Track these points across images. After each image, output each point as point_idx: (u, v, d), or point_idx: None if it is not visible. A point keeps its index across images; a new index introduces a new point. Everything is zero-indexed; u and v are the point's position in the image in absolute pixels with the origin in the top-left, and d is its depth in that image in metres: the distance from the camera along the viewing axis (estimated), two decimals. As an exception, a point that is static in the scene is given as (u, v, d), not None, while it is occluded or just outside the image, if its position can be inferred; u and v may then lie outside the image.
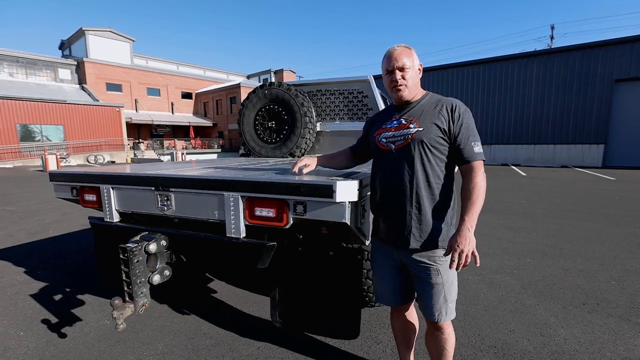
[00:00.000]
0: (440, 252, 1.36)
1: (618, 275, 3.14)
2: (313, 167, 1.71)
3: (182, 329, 2.30)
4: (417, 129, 1.33)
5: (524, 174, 12.92)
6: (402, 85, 1.37)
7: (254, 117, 3.94)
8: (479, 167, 1.32)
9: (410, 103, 1.42)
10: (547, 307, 2.56)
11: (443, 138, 1.33)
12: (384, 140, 1.42)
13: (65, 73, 26.61)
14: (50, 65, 25.92)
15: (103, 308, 2.56)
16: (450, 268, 1.24)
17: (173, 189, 1.80)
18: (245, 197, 1.61)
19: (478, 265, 1.27)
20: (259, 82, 32.95)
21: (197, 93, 34.20)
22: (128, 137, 26.17)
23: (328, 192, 1.39)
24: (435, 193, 1.34)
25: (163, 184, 1.81)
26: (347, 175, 1.63)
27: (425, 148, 1.32)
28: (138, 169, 2.21)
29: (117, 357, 2.00)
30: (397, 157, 1.37)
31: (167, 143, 29.10)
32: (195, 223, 1.85)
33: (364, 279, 2.16)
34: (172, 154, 21.79)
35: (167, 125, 31.31)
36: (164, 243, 1.88)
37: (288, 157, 3.78)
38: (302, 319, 1.94)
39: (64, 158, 19.01)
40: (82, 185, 2.11)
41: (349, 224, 1.44)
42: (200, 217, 1.76)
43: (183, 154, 20.73)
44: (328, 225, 1.59)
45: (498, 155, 19.12)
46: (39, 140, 21.29)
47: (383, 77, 1.44)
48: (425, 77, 19.28)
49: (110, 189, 2.00)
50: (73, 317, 2.45)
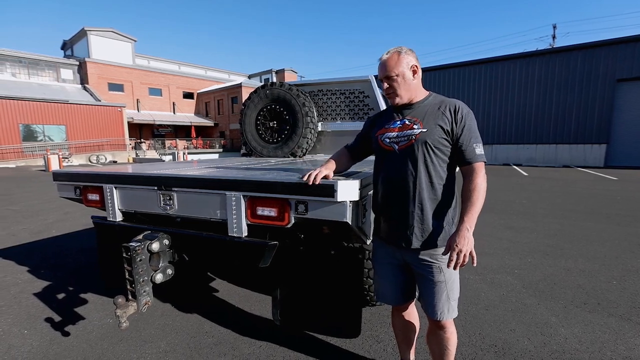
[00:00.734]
0: (442, 250, 1.36)
1: (619, 275, 3.13)
2: (331, 176, 1.53)
3: (184, 328, 2.31)
4: (420, 130, 1.34)
5: (526, 174, 12.89)
6: (391, 93, 1.41)
7: (256, 117, 3.95)
8: (480, 168, 1.33)
9: (413, 104, 1.43)
10: (547, 306, 2.56)
11: (446, 139, 1.34)
12: (387, 141, 1.42)
13: (68, 73, 26.71)
14: (53, 66, 26.02)
15: (106, 307, 2.58)
16: (448, 267, 1.25)
17: (175, 189, 1.81)
18: (247, 196, 1.62)
19: (475, 265, 1.28)
20: (261, 82, 32.94)
21: (198, 93, 34.26)
22: (130, 137, 26.25)
23: (329, 191, 1.40)
24: (438, 193, 1.35)
25: (165, 184, 1.83)
26: (348, 175, 1.64)
27: (429, 149, 1.33)
28: (140, 169, 2.23)
29: (119, 355, 2.01)
30: (400, 157, 1.38)
31: (168, 143, 29.13)
32: (198, 222, 1.86)
33: (365, 278, 2.16)
34: (173, 154, 21.79)
35: (168, 125, 31.35)
36: (167, 242, 1.89)
37: (289, 157, 3.79)
38: (303, 318, 1.96)
39: (66, 158, 19.05)
40: (85, 185, 2.13)
41: (350, 224, 1.45)
42: (203, 216, 1.78)
43: (185, 154, 20.74)
44: (329, 225, 1.60)
45: (500, 155, 19.08)
46: (41, 140, 21.37)
47: None
48: (426, 77, 19.23)
49: (113, 189, 2.01)
50: (76, 315, 2.47)
